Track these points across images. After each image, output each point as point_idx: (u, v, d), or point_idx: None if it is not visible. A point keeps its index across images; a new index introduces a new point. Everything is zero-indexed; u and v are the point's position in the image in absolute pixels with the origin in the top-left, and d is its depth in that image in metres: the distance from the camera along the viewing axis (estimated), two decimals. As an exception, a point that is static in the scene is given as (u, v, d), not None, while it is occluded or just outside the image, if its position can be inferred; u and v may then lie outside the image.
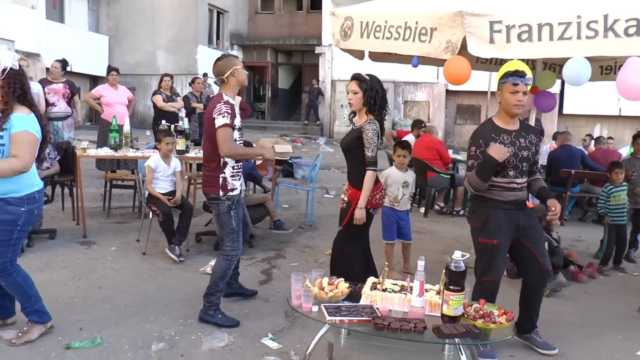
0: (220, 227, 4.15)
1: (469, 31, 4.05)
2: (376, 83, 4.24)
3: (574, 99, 17.95)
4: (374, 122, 4.17)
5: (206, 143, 4.11)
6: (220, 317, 4.12)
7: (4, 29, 14.94)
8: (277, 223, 6.59)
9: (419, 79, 18.84)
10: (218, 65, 4.09)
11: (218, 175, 4.05)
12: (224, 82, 4.06)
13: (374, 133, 4.13)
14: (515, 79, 3.57)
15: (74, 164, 6.37)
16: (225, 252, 4.14)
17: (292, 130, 21.21)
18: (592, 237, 7.44)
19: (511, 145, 3.63)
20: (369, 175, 4.15)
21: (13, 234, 3.44)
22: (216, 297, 4.14)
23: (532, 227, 3.80)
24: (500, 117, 3.75)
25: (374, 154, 4.15)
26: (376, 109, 4.22)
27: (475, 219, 3.77)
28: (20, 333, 3.64)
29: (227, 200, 4.06)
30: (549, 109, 5.77)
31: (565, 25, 3.76)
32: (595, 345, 4.10)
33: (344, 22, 5.23)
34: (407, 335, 2.86)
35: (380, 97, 4.22)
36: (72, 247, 5.92)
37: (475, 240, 3.78)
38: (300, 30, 23.04)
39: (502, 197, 3.65)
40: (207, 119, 4.03)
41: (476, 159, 3.63)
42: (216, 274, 4.12)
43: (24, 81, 3.43)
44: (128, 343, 3.74)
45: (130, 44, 20.91)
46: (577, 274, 5.59)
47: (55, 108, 7.82)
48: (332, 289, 3.29)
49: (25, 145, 3.33)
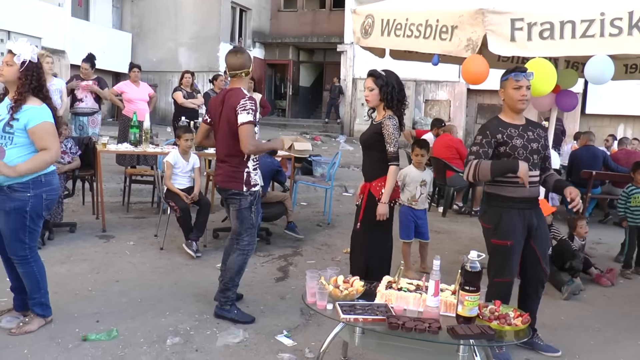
0: (240, 222, 4.11)
1: (490, 29, 4.00)
2: (392, 78, 4.19)
3: (597, 98, 17.67)
4: (393, 117, 4.15)
5: (226, 137, 4.01)
6: (237, 312, 4.12)
7: (32, 26, 15.18)
8: (290, 224, 6.56)
9: (440, 78, 18.72)
10: (240, 57, 4.01)
11: (242, 170, 4.00)
12: (237, 75, 4.02)
13: (395, 128, 4.11)
14: (517, 75, 3.56)
15: (94, 159, 6.44)
16: (242, 247, 4.13)
17: (312, 128, 21.21)
18: (612, 240, 7.32)
19: (519, 138, 3.61)
20: (392, 170, 4.13)
21: (25, 220, 3.48)
22: (232, 292, 4.14)
23: (541, 228, 3.75)
24: (505, 114, 3.73)
25: (395, 148, 4.12)
26: (394, 104, 4.19)
27: (488, 220, 3.72)
28: (22, 323, 3.71)
29: (250, 196, 4.05)
30: (571, 109, 5.67)
31: (588, 22, 3.70)
32: (613, 350, 4.03)
33: (365, 20, 5.21)
34: (422, 335, 2.83)
35: (397, 92, 4.18)
36: (92, 240, 5.98)
37: (488, 241, 3.73)
38: (322, 29, 23.03)
39: (517, 193, 3.59)
40: (228, 112, 3.94)
41: (481, 147, 3.61)
42: (233, 270, 4.11)
43: (41, 74, 3.52)
44: (143, 336, 3.76)
45: (152, 41, 21.09)
46: (600, 278, 5.48)
47: (82, 104, 7.91)
48: (347, 287, 3.28)
49: (48, 135, 3.45)
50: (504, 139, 3.60)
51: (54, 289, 4.49)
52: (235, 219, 4.14)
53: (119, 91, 8.53)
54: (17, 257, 3.57)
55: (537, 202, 3.76)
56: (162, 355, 3.52)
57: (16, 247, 3.53)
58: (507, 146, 3.59)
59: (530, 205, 3.67)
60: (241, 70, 4.01)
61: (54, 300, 4.26)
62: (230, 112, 3.92)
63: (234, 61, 4.01)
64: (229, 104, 3.95)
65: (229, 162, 4.05)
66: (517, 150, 3.57)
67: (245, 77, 4.06)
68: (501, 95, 3.70)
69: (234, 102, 3.91)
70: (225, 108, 3.98)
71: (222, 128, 4.03)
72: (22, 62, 3.41)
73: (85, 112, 7.99)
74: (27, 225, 3.50)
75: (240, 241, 4.15)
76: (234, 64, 4.01)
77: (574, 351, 3.94)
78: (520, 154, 3.57)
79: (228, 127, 3.96)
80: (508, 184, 3.60)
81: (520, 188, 3.57)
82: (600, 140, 11.18)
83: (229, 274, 4.13)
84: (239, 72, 4.02)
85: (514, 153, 3.57)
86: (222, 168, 4.12)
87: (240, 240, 4.15)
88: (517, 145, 3.58)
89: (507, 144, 3.59)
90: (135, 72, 8.54)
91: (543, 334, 4.13)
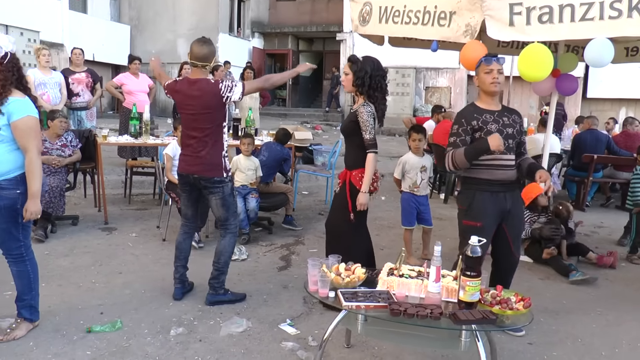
0: (225, 209, 4.15)
1: (488, 14, 3.99)
2: (368, 65, 4.05)
3: (598, 82, 17.61)
4: (367, 105, 4.04)
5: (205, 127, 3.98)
6: (230, 294, 4.25)
7: (29, 19, 15.12)
8: (288, 218, 6.55)
9: (440, 65, 18.66)
10: (204, 48, 3.96)
11: (221, 155, 4.05)
12: (203, 68, 3.98)
13: (369, 115, 3.99)
14: (488, 60, 3.65)
15: (95, 151, 6.44)
16: (231, 229, 4.22)
17: (312, 117, 21.18)
18: (614, 223, 7.33)
19: (494, 123, 3.67)
20: (370, 158, 4.02)
21: (17, 218, 3.40)
22: (225, 275, 4.25)
23: (515, 212, 3.79)
24: (481, 100, 3.78)
25: (371, 136, 4.00)
26: (364, 91, 4.06)
27: (462, 201, 3.80)
28: (9, 330, 3.56)
29: (230, 182, 4.13)
30: (571, 93, 5.66)
31: (587, 5, 3.68)
32: (615, 333, 4.04)
33: (363, 8, 5.19)
34: (424, 321, 2.84)
35: (371, 77, 4.03)
36: (94, 233, 6.00)
37: (460, 222, 3.80)
38: (321, 17, 22.92)
39: (492, 175, 3.66)
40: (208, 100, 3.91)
41: (458, 136, 3.68)
42: (227, 253, 4.22)
43: (20, 65, 3.41)
44: (147, 327, 3.78)
45: (151, 32, 21.01)
46: (601, 258, 5.48)
47: (79, 98, 7.87)
48: (348, 274, 3.28)
49: (31, 132, 3.34)
50: (479, 124, 3.66)
51: (57, 281, 4.54)
52: (221, 207, 4.15)
53: (118, 83, 8.51)
54: (12, 255, 3.51)
55: (513, 186, 3.78)
56: (166, 346, 3.54)
57: (11, 245, 3.48)
58: (482, 132, 3.65)
59: (504, 189, 3.70)
60: (203, 62, 3.97)
61: (58, 292, 4.30)
62: (212, 98, 3.91)
63: (197, 50, 3.95)
64: (208, 92, 3.91)
65: (209, 150, 4.01)
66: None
67: (206, 70, 4.02)
68: (475, 82, 3.78)
69: (213, 89, 3.91)
70: (204, 98, 3.93)
71: (202, 117, 3.98)
72: (4, 54, 3.30)
73: (83, 107, 7.97)
74: (20, 223, 3.43)
75: (228, 225, 4.22)
76: (197, 53, 3.95)
77: (576, 335, 3.95)
78: None
79: (209, 114, 3.96)
80: (482, 167, 3.67)
81: (493, 170, 3.66)
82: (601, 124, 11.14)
83: (223, 258, 4.20)
84: (199, 64, 3.96)
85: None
86: (200, 158, 4.03)
87: (228, 225, 4.22)
88: (493, 131, 3.64)
89: (482, 129, 3.65)
90: (136, 64, 8.49)
91: (545, 318, 4.16)
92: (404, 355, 3.54)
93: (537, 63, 4.10)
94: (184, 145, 4.17)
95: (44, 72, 7.32)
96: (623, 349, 3.79)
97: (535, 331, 3.90)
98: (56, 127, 5.98)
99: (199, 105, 3.96)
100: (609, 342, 3.88)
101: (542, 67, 4.12)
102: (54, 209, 5.70)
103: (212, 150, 4.02)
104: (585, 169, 8.26)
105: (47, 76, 7.34)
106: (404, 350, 3.58)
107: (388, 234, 6.48)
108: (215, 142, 4.03)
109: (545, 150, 6.00)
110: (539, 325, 4.02)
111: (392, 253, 5.45)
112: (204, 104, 3.95)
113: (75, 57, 7.98)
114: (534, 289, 4.77)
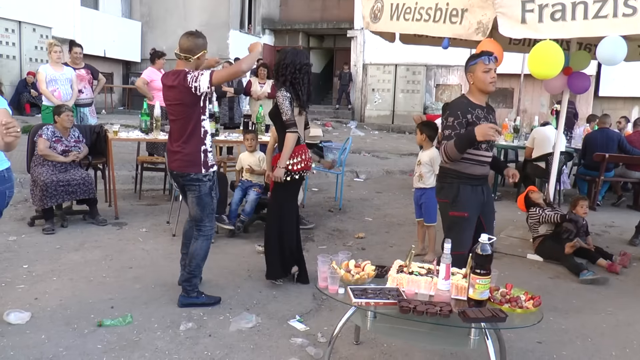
0: (201, 208, 4.04)
1: (500, 11, 3.98)
2: (289, 56, 4.31)
3: (611, 80, 17.45)
4: (283, 90, 4.27)
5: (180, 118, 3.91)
6: (204, 297, 4.13)
7: (42, 15, 15.25)
8: None
9: (451, 62, 18.57)
10: (190, 40, 3.90)
11: (199, 150, 3.92)
12: (186, 60, 3.90)
13: (284, 98, 4.23)
14: (488, 58, 3.68)
15: (106, 147, 6.48)
16: (205, 232, 4.11)
17: (323, 114, 21.19)
18: (625, 222, 7.28)
19: (485, 120, 3.75)
20: (289, 137, 4.27)
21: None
22: (198, 279, 4.16)
23: (489, 203, 3.97)
24: (472, 95, 3.82)
25: (288, 116, 4.24)
26: (277, 79, 4.36)
27: (445, 195, 3.88)
28: None
29: (209, 181, 4.01)
30: (583, 91, 5.63)
31: (600, 2, 3.66)
32: (626, 333, 4.01)
33: (374, 5, 5.18)
34: (433, 319, 2.84)
35: (284, 68, 4.29)
36: (104, 227, 6.04)
37: (445, 215, 3.89)
38: (332, 14, 22.90)
39: (474, 170, 3.80)
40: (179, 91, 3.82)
41: (453, 129, 3.72)
42: (199, 257, 4.09)
43: None
44: (157, 322, 3.80)
45: (162, 29, 21.10)
46: (611, 267, 5.40)
47: (82, 95, 7.86)
48: (358, 271, 3.28)
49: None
50: (473, 119, 3.72)
51: (68, 275, 4.58)
52: (196, 206, 4.05)
53: (148, 79, 8.38)
54: None
55: (486, 179, 3.95)
56: (176, 340, 3.56)
57: None
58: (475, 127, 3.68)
59: (480, 182, 3.88)
60: (187, 54, 3.89)
61: (69, 286, 4.34)
62: (183, 89, 3.81)
63: (183, 42, 3.91)
64: (181, 84, 3.81)
65: (184, 145, 3.93)
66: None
67: (191, 63, 3.91)
68: (470, 79, 3.79)
69: (182, 81, 3.80)
70: (177, 89, 3.85)
71: (175, 110, 3.93)
72: None
73: (87, 103, 7.98)
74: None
75: (203, 227, 4.09)
76: (182, 44, 3.90)
77: (586, 334, 3.93)
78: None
79: (183, 106, 3.88)
80: (467, 161, 3.77)
81: (476, 166, 3.79)
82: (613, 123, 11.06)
83: (194, 261, 4.09)
84: (183, 55, 3.91)
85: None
86: (177, 153, 3.98)
87: (202, 227, 4.10)
88: None
89: (475, 124, 3.69)
90: (163, 60, 8.44)
91: (555, 317, 4.15)
92: (413, 352, 3.55)
93: (546, 61, 4.08)
94: (167, 140, 4.17)
95: (55, 68, 7.35)
96: (634, 349, 3.76)
97: (544, 330, 3.89)
98: (64, 120, 6.03)
99: (172, 97, 3.91)
100: (619, 342, 3.85)
101: (552, 65, 4.11)
102: (93, 193, 6.02)
103: (187, 145, 3.92)
104: (596, 168, 8.21)
105: (59, 72, 7.37)
106: (413, 347, 3.58)
107: (398, 231, 6.47)
108: (191, 137, 3.91)
109: (557, 149, 5.98)
110: (549, 324, 4.00)
111: (402, 250, 5.46)
112: (176, 96, 3.87)
113: (77, 54, 7.97)
114: (544, 288, 4.75)
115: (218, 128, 6.95)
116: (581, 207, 5.63)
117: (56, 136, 5.97)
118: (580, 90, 5.56)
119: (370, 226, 6.41)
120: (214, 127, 6.72)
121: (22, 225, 5.96)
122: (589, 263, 5.42)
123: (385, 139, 16.13)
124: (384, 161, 11.95)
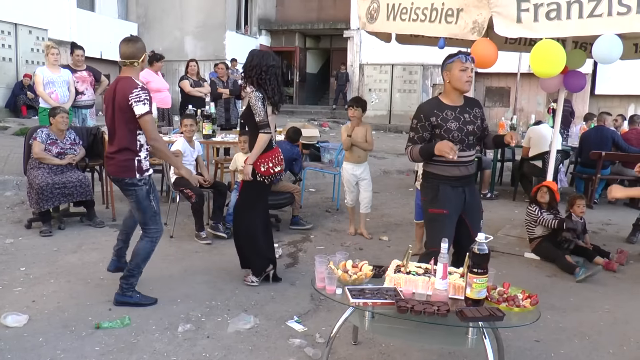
0: (142, 213, 4.04)
1: (496, 11, 3.99)
2: (257, 58, 4.38)
3: (607, 79, 17.47)
4: (255, 91, 4.35)
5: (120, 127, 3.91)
6: (139, 296, 4.13)
7: (38, 18, 15.21)
8: (295, 218, 6.52)
9: (448, 62, 18.56)
10: (131, 46, 3.94)
11: (134, 158, 3.93)
12: (131, 65, 3.94)
13: (257, 99, 4.30)
14: (465, 57, 3.69)
15: (103, 148, 6.46)
16: (150, 234, 4.08)
17: (320, 114, 21.18)
18: (622, 220, 7.30)
19: (455, 121, 3.73)
20: (261, 137, 4.34)
21: None
22: (136, 278, 4.15)
23: (474, 202, 3.95)
24: (446, 95, 3.82)
25: (261, 117, 4.31)
26: (249, 79, 4.39)
27: (425, 194, 3.91)
28: None
29: (145, 185, 4.00)
30: (579, 89, 5.63)
31: (595, 1, 3.67)
32: (623, 331, 4.02)
33: (371, 5, 5.19)
34: (431, 318, 2.84)
35: (254, 68, 4.35)
36: (102, 229, 6.04)
37: (426, 211, 3.91)
38: (328, 15, 22.89)
39: (447, 172, 3.78)
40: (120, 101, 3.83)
41: (416, 132, 3.78)
42: (139, 257, 4.09)
43: None
44: (155, 324, 3.80)
45: (158, 30, 21.08)
46: (608, 264, 5.41)
47: (84, 97, 7.86)
48: (355, 271, 3.28)
49: None
50: (438, 121, 3.72)
51: (66, 277, 4.58)
52: (137, 211, 4.06)
53: (145, 82, 8.37)
54: None
55: (470, 179, 3.94)
56: (174, 342, 3.56)
57: None
58: (442, 129, 3.71)
59: (461, 184, 3.85)
60: (131, 59, 3.93)
61: (67, 288, 4.33)
62: (123, 100, 3.82)
63: (124, 49, 3.94)
64: (121, 93, 3.83)
65: (121, 151, 3.93)
66: (451, 133, 3.71)
67: (136, 67, 3.97)
68: (446, 77, 3.79)
69: (126, 91, 3.81)
70: (118, 97, 3.86)
71: (116, 117, 3.91)
72: None
73: (88, 105, 7.96)
74: None
75: (148, 230, 4.09)
76: (124, 52, 3.94)
77: (583, 332, 3.94)
78: (455, 137, 3.71)
79: (121, 115, 3.86)
80: (439, 163, 3.77)
81: (449, 167, 3.77)
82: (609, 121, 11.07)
83: (135, 260, 4.09)
84: (128, 62, 3.94)
85: (448, 136, 3.70)
86: (114, 158, 3.98)
87: (147, 229, 4.09)
88: (452, 129, 3.71)
89: (442, 126, 3.71)
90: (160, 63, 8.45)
91: (552, 316, 4.16)
92: (411, 352, 3.55)
93: (549, 59, 4.08)
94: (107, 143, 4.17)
95: (52, 70, 7.34)
96: (631, 347, 3.78)
97: (542, 328, 3.89)
98: (59, 122, 6.02)
99: (111, 103, 3.92)
100: (617, 340, 3.86)
101: (554, 63, 4.11)
102: (90, 195, 6.02)
103: (123, 150, 3.92)
104: (592, 166, 8.23)
105: (56, 74, 7.36)
106: (411, 347, 3.58)
107: (395, 231, 6.47)
108: (128, 143, 3.91)
109: (553, 147, 5.99)
110: (546, 322, 4.01)
111: (399, 250, 5.46)
112: (117, 104, 3.87)
113: (78, 57, 7.96)
114: (541, 286, 4.76)
115: (215, 129, 6.94)
116: (578, 207, 5.63)
117: (51, 138, 5.96)
118: (576, 88, 5.57)
119: (368, 226, 6.40)
120: (211, 128, 6.73)
121: (19, 228, 5.95)
122: (586, 261, 5.43)
123: (382, 139, 16.13)
124: (381, 161, 11.95)
